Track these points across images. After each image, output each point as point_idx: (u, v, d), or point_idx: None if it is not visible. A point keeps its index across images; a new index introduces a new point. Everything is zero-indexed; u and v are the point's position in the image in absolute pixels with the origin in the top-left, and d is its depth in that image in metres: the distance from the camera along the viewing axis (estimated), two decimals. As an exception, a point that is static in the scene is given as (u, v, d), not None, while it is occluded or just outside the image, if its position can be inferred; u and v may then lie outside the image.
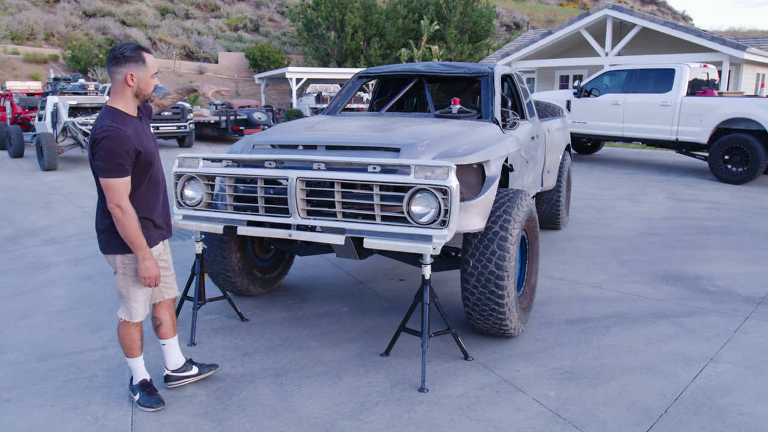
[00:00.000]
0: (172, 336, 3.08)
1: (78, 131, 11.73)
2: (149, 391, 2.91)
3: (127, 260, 2.72)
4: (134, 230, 2.58)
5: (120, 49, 2.58)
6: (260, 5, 43.12)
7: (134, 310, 2.82)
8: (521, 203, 3.51)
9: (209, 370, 3.21)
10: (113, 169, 2.51)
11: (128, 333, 2.85)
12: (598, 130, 11.45)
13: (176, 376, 3.10)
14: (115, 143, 2.50)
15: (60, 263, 5.49)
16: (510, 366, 3.33)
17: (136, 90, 2.62)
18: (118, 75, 2.58)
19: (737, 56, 14.53)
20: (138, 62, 2.59)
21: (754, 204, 8.09)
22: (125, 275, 2.76)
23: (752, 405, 2.91)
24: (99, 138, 2.52)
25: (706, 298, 4.47)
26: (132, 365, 2.93)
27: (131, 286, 2.77)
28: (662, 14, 52.74)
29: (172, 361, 3.10)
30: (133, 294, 2.79)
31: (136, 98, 2.65)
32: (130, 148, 2.55)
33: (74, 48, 28.16)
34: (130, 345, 2.87)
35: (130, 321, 2.83)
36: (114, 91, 2.63)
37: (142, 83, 2.62)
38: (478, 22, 33.91)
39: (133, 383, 2.95)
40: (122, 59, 2.56)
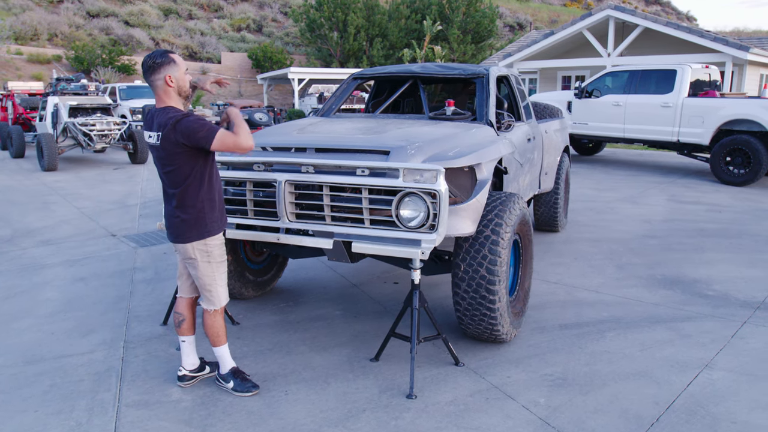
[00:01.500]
0: (192, 334, 3.17)
1: (78, 131, 11.73)
2: (243, 377, 3.03)
3: (209, 247, 2.87)
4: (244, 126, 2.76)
5: (151, 59, 2.74)
6: (263, 6, 43.17)
7: (220, 294, 2.97)
8: (514, 207, 3.47)
9: (217, 369, 3.24)
10: (211, 128, 2.65)
11: (216, 321, 3.00)
12: (599, 131, 11.38)
13: (192, 376, 3.15)
14: (194, 116, 2.69)
15: (54, 265, 5.47)
16: (501, 372, 3.28)
17: (177, 88, 2.79)
18: (158, 81, 2.75)
19: (740, 57, 14.43)
20: (170, 63, 2.76)
21: (755, 206, 8.01)
22: (209, 262, 2.89)
23: (746, 413, 2.86)
24: (181, 121, 2.64)
25: (704, 302, 4.42)
26: (220, 353, 3.05)
27: (216, 270, 2.92)
28: (666, 14, 52.54)
29: (189, 361, 3.15)
30: (218, 278, 2.94)
31: (179, 97, 2.83)
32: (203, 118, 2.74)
33: (77, 48, 28.22)
34: (218, 332, 3.01)
35: (218, 307, 2.98)
36: (159, 96, 2.79)
37: (180, 81, 2.80)
38: (481, 22, 33.84)
39: (222, 371, 3.06)
40: (157, 66, 2.73)
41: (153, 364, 3.38)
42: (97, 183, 10.33)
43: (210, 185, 2.85)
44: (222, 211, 2.96)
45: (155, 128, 2.75)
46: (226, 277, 3.03)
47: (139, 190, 9.56)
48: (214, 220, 2.89)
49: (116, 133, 12.08)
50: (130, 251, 5.89)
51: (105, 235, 6.60)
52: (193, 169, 2.76)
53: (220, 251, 2.94)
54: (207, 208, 2.84)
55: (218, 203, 2.92)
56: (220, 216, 2.94)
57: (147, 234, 6.59)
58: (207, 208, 2.84)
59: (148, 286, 4.83)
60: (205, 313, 3.01)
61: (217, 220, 2.91)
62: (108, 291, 4.71)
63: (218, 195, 2.92)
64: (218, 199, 2.92)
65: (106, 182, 10.41)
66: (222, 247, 2.96)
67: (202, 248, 2.87)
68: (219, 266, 2.95)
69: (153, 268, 5.30)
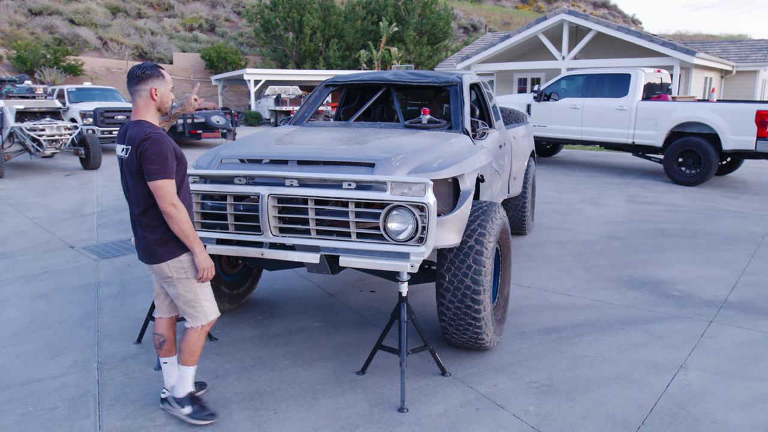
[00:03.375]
0: (174, 354, 3.05)
1: (26, 137, 11.20)
2: (201, 404, 2.91)
3: (184, 263, 2.76)
4: (189, 223, 2.68)
5: (141, 68, 2.70)
6: (216, 5, 42.33)
7: (208, 309, 2.85)
8: (495, 216, 3.51)
9: (200, 388, 3.18)
10: (164, 170, 2.59)
11: (199, 339, 2.88)
12: (557, 133, 11.67)
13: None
14: (163, 146, 2.60)
15: (10, 281, 5.20)
16: (487, 381, 3.31)
17: (159, 103, 2.74)
18: (143, 91, 2.69)
19: (687, 61, 15.07)
20: (159, 77, 2.72)
21: (707, 205, 8.37)
22: (188, 278, 2.78)
23: (724, 413, 2.98)
24: (145, 142, 2.58)
25: (671, 303, 4.58)
26: (185, 374, 2.91)
27: (197, 286, 2.80)
28: (613, 18, 54.36)
29: (172, 381, 3.03)
30: (201, 293, 2.82)
31: (158, 112, 2.77)
32: (173, 150, 2.67)
33: (19, 47, 26.98)
34: (194, 351, 2.89)
35: (205, 323, 2.86)
36: (138, 107, 2.72)
37: (164, 96, 2.75)
38: (437, 24, 34.20)
39: (179, 394, 2.90)
40: (145, 77, 2.68)
41: (131, 386, 3.25)
42: (48, 191, 9.89)
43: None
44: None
45: (127, 142, 2.66)
46: (211, 290, 2.92)
47: (94, 197, 9.20)
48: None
49: (67, 139, 11.60)
50: (92, 264, 5.66)
51: (62, 246, 6.32)
52: None
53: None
54: None
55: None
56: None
57: (108, 245, 6.35)
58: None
59: (115, 301, 4.65)
60: (191, 329, 2.88)
61: None
62: (73, 308, 4.51)
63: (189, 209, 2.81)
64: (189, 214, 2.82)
65: (58, 189, 9.98)
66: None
67: (177, 265, 2.75)
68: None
69: (118, 282, 5.11)
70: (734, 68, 19.64)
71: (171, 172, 2.63)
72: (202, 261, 2.75)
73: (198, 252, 2.73)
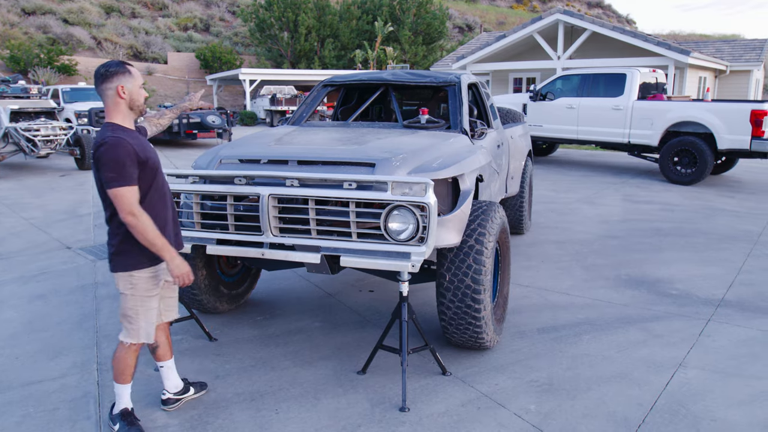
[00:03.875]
0: (169, 358, 3.02)
1: (21, 137, 11.15)
2: (129, 422, 2.79)
3: (134, 279, 2.65)
4: (153, 232, 2.54)
5: (105, 67, 2.59)
6: (210, 5, 42.24)
7: (141, 329, 2.72)
8: (495, 216, 3.52)
9: (202, 389, 3.17)
10: (121, 177, 2.48)
11: (126, 357, 2.75)
12: (553, 133, 11.70)
13: (176, 398, 3.03)
14: (119, 150, 2.48)
15: (7, 282, 5.18)
16: (488, 380, 3.32)
17: (129, 101, 2.62)
18: (109, 90, 2.58)
19: (682, 60, 15.14)
20: (125, 74, 2.60)
21: (703, 204, 8.41)
22: (133, 295, 2.67)
23: (724, 411, 3.00)
24: (101, 148, 2.48)
25: (669, 301, 4.60)
26: (119, 391, 2.81)
27: (139, 305, 2.69)
28: (608, 17, 54.54)
29: (171, 383, 3.03)
30: (142, 313, 2.70)
31: (130, 111, 2.65)
32: (134, 155, 2.53)
33: (12, 47, 26.83)
34: (123, 370, 2.77)
35: (135, 342, 2.73)
36: (108, 108, 2.62)
37: (134, 94, 2.62)
38: (432, 23, 34.21)
39: (113, 412, 2.83)
40: (109, 74, 2.57)
41: (132, 386, 3.23)
42: (43, 191, 9.85)
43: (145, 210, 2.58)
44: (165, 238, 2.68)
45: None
46: (153, 316, 2.75)
47: (90, 198, 9.16)
48: (144, 252, 2.62)
49: (62, 139, 11.55)
50: (89, 264, 5.64)
51: (59, 247, 6.29)
52: None
53: (147, 285, 2.68)
54: (134, 238, 2.57)
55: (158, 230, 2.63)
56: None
57: (104, 245, 6.28)
58: (134, 238, 2.57)
59: (113, 302, 4.63)
60: (119, 344, 2.74)
61: (148, 253, 2.63)
62: (71, 309, 4.49)
63: (159, 220, 2.66)
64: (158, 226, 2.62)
65: (54, 190, 9.94)
66: (151, 281, 2.70)
67: (127, 280, 2.65)
68: (145, 301, 2.69)
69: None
70: (728, 68, 19.75)
71: (129, 179, 2.49)
72: (174, 267, 2.61)
73: (169, 259, 2.60)
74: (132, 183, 2.51)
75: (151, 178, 2.64)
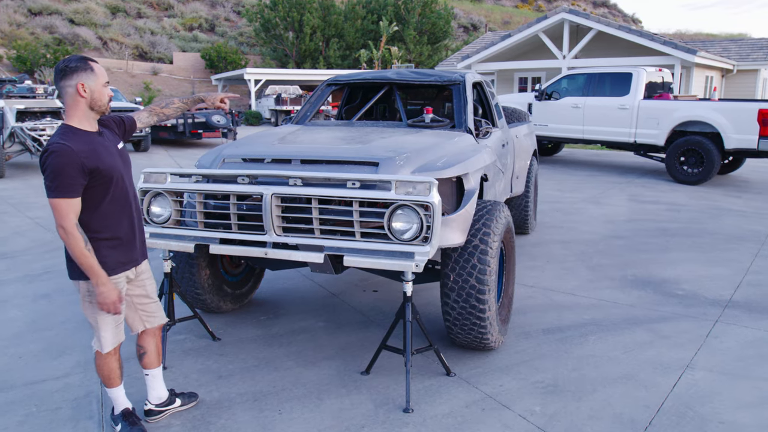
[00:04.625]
0: (156, 366, 2.90)
1: (27, 137, 11.18)
2: (131, 421, 2.75)
3: (90, 287, 2.53)
4: (81, 253, 2.38)
5: (65, 62, 2.43)
6: (215, 5, 42.32)
7: (103, 339, 2.62)
8: (500, 215, 3.49)
9: (190, 400, 3.04)
10: (59, 188, 2.33)
11: (105, 363, 2.68)
12: (559, 132, 11.65)
13: (158, 410, 2.92)
14: (61, 160, 2.32)
15: (12, 281, 5.19)
16: (492, 381, 3.29)
17: (90, 101, 2.45)
18: (69, 88, 2.42)
19: (688, 60, 15.05)
20: (86, 71, 2.43)
21: (710, 204, 8.35)
22: (91, 303, 2.57)
23: (732, 413, 2.96)
24: (44, 155, 2.35)
25: (676, 302, 4.56)
26: (112, 395, 2.76)
27: (98, 314, 2.58)
28: (613, 17, 54.34)
29: (155, 393, 2.91)
30: (101, 323, 2.59)
31: (91, 111, 2.49)
32: (78, 165, 2.35)
33: (19, 47, 26.97)
34: (108, 375, 2.70)
35: (102, 351, 2.65)
36: (67, 106, 2.46)
37: (95, 93, 2.46)
38: (437, 23, 34.17)
39: (114, 413, 2.79)
40: (69, 71, 2.41)
41: (134, 386, 3.22)
42: (49, 191, 9.86)
43: (97, 221, 2.49)
44: (123, 250, 2.59)
45: None
46: (117, 321, 2.65)
47: (95, 197, 9.17)
48: (105, 259, 2.50)
49: (68, 138, 11.57)
50: (94, 264, 5.64)
51: (63, 247, 6.29)
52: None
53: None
54: (96, 245, 2.47)
55: (112, 242, 2.54)
56: (118, 255, 2.57)
57: (110, 245, 6.32)
58: (96, 245, 2.47)
59: (117, 301, 4.62)
60: (96, 352, 2.67)
61: (111, 260, 2.52)
62: (75, 308, 4.48)
63: (115, 232, 2.55)
64: (113, 237, 2.54)
65: (59, 190, 9.95)
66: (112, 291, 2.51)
67: (84, 287, 2.55)
68: (101, 311, 2.55)
69: (121, 282, 5.08)
70: (735, 67, 19.63)
71: (68, 191, 2.33)
72: (99, 294, 2.44)
73: (96, 283, 2.43)
74: (70, 195, 2.36)
75: (105, 187, 2.49)
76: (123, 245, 2.60)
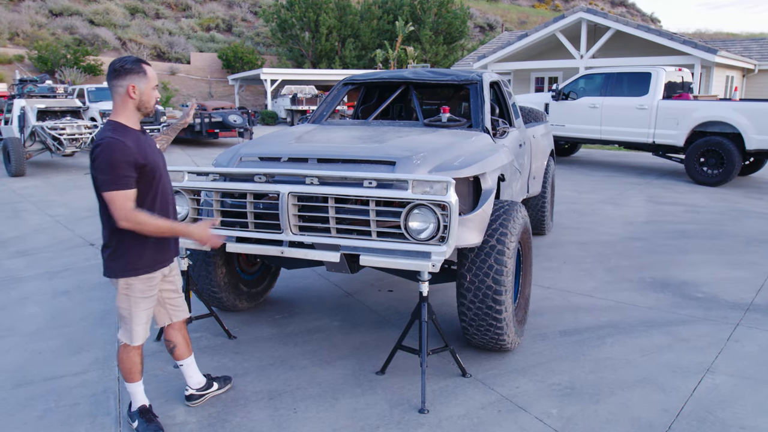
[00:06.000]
0: (188, 356, 3.02)
1: (47, 135, 11.35)
2: (148, 418, 2.79)
3: (130, 281, 2.60)
4: (157, 224, 2.48)
5: (120, 62, 2.51)
6: (233, 5, 42.62)
7: (135, 332, 2.69)
8: (517, 216, 3.46)
9: (226, 383, 3.18)
10: (113, 181, 2.39)
11: (129, 357, 2.73)
12: (576, 132, 11.54)
13: (199, 395, 3.05)
14: (115, 154, 2.39)
15: (32, 277, 5.26)
16: (509, 382, 3.27)
17: (138, 102, 2.53)
18: (120, 88, 2.50)
19: (708, 59, 14.83)
20: (139, 74, 2.52)
21: (730, 206, 8.22)
22: (128, 296, 2.63)
23: (753, 418, 2.90)
24: (96, 149, 2.41)
25: (695, 305, 4.49)
26: (130, 390, 2.81)
27: (133, 307, 2.65)
28: (632, 16, 53.76)
29: (194, 380, 3.04)
30: (135, 316, 2.66)
31: (138, 111, 2.57)
32: (131, 158, 2.43)
33: (40, 48, 27.39)
34: (130, 369, 2.75)
35: (130, 344, 2.71)
36: (115, 105, 2.54)
37: (144, 95, 2.54)
38: (453, 23, 34.07)
39: (132, 409, 2.83)
40: (123, 71, 2.49)
41: (151, 383, 3.25)
42: (68, 189, 10.01)
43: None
44: (159, 248, 2.65)
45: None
46: (149, 316, 2.72)
47: (114, 196, 9.28)
48: (143, 257, 2.58)
49: (87, 137, 11.73)
50: (112, 261, 5.69)
51: (83, 244, 6.38)
52: None
53: (144, 286, 2.63)
54: (130, 243, 2.54)
55: (153, 240, 2.59)
56: (155, 253, 2.63)
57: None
58: (130, 243, 2.54)
59: (135, 298, 4.67)
60: (121, 345, 2.72)
61: (149, 258, 2.60)
62: (93, 305, 4.54)
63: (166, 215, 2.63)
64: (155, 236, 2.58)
65: (78, 188, 10.09)
66: (148, 282, 2.64)
67: (123, 282, 2.61)
68: (140, 302, 2.64)
69: (138, 280, 5.13)
70: (756, 67, 19.29)
71: (124, 183, 2.40)
72: (198, 237, 2.58)
73: (186, 233, 2.56)
74: (125, 187, 2.42)
75: (150, 183, 2.56)
76: (162, 242, 2.67)
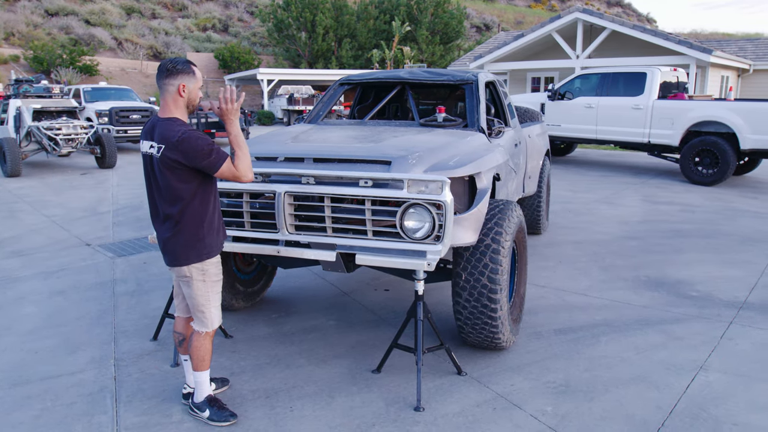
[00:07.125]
0: None
1: (43, 136, 11.33)
2: (219, 406, 2.89)
3: (206, 265, 2.75)
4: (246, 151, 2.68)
5: (172, 63, 2.67)
6: (229, 5, 42.57)
7: (213, 316, 2.83)
8: (512, 215, 3.48)
9: (223, 385, 3.19)
10: (218, 156, 2.57)
11: (203, 344, 2.85)
12: (572, 132, 11.58)
13: None
14: (200, 138, 2.57)
15: (28, 277, 5.26)
16: (504, 380, 3.29)
17: (186, 101, 2.69)
18: (171, 87, 2.65)
19: (704, 59, 14.89)
20: (189, 74, 2.67)
21: (725, 206, 8.26)
22: (204, 281, 2.76)
23: (746, 415, 2.93)
24: (184, 143, 2.54)
25: (689, 303, 4.52)
26: (201, 379, 2.89)
27: (210, 291, 2.79)
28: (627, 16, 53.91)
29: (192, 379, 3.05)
30: (212, 300, 2.80)
31: (186, 109, 2.73)
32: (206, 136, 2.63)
33: (36, 48, 27.31)
34: (203, 357, 2.86)
35: (209, 330, 2.84)
36: (166, 103, 2.68)
37: (192, 94, 2.70)
38: (449, 23, 34.10)
39: (197, 400, 2.90)
40: (175, 72, 2.64)
41: (148, 382, 3.27)
42: (64, 189, 10.00)
43: (212, 204, 2.75)
44: (220, 230, 2.84)
45: (157, 139, 2.60)
46: (221, 298, 2.91)
47: (110, 196, 9.28)
48: (213, 240, 2.77)
49: (83, 138, 11.72)
50: (108, 261, 5.71)
51: (79, 244, 6.37)
52: (193, 188, 2.63)
53: (216, 269, 2.81)
54: (206, 228, 2.72)
55: (217, 223, 2.80)
56: (218, 236, 2.81)
57: (123, 243, 6.39)
58: (206, 228, 2.72)
59: (131, 298, 4.68)
60: (195, 334, 2.86)
61: (216, 240, 2.79)
62: (90, 305, 4.54)
63: (218, 214, 2.82)
64: (217, 219, 2.81)
65: (74, 188, 10.08)
66: (218, 266, 2.83)
67: (198, 267, 2.74)
68: (214, 285, 2.81)
69: (134, 280, 5.14)
70: (751, 67, 19.39)
71: (223, 154, 2.61)
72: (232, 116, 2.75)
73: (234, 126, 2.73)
74: (226, 155, 2.63)
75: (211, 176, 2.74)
76: (221, 227, 2.85)
